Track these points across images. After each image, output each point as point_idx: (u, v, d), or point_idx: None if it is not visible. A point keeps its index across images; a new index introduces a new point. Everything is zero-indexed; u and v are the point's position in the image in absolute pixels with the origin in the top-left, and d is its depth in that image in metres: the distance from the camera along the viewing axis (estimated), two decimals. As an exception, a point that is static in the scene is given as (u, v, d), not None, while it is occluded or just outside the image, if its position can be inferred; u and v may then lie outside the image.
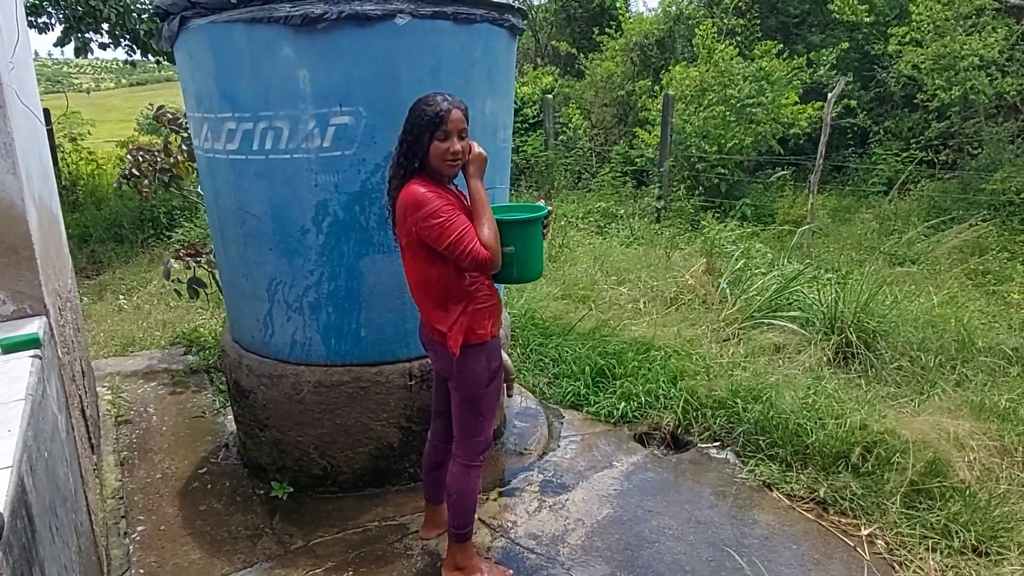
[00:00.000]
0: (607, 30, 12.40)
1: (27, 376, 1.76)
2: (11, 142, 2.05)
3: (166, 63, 9.22)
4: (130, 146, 4.90)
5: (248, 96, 2.61)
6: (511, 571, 2.55)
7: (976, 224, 6.65)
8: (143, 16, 8.23)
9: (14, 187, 2.08)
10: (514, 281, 2.39)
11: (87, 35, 8.46)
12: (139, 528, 2.86)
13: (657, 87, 10.46)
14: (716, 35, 9.63)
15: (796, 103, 8.72)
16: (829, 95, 6.62)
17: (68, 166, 9.18)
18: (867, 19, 9.72)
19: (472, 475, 2.39)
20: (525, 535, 2.77)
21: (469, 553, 2.46)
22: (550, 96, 10.73)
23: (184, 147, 4.29)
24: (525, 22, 3.05)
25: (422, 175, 2.13)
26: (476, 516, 2.75)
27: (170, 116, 4.31)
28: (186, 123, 4.24)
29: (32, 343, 1.93)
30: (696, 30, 9.84)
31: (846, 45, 9.86)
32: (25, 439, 1.48)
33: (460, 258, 2.06)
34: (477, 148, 2.15)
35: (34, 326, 2.10)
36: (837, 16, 9.89)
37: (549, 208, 2.29)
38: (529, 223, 2.23)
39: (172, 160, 4.25)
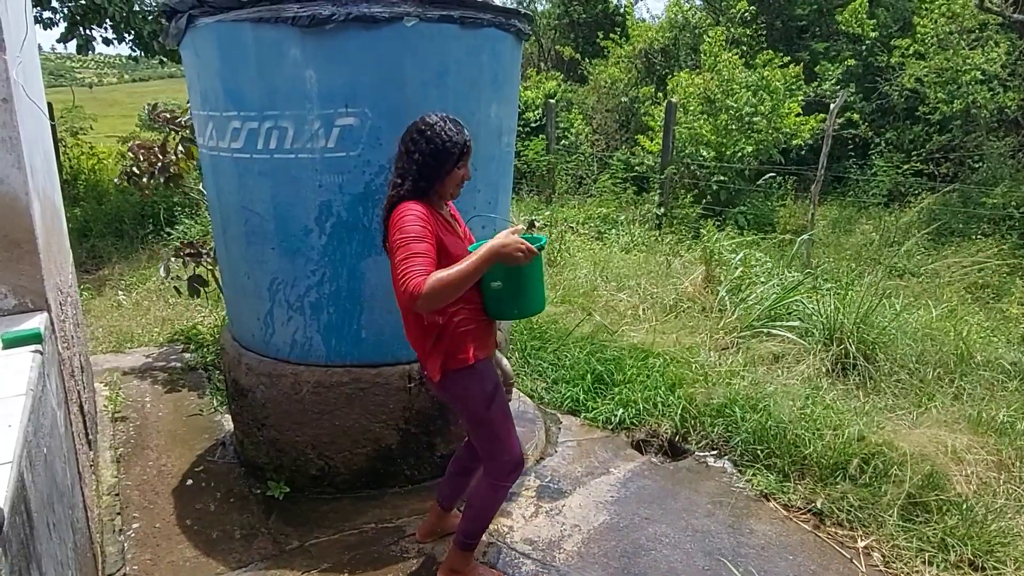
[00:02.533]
0: (611, 35, 12.43)
1: (28, 371, 1.75)
2: (17, 136, 2.05)
3: (168, 61, 9.22)
4: (130, 144, 4.90)
5: (254, 95, 2.61)
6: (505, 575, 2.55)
7: (977, 239, 6.67)
8: (148, 16, 8.24)
9: (19, 181, 2.07)
10: (513, 317, 2.25)
11: (90, 30, 8.46)
12: (134, 525, 2.85)
13: (660, 94, 10.49)
14: (723, 43, 9.66)
15: (799, 115, 8.75)
16: (832, 106, 6.64)
17: (69, 160, 9.19)
18: (872, 33, 9.76)
19: (499, 495, 2.34)
20: (521, 540, 2.77)
21: (468, 560, 2.46)
22: (553, 101, 10.74)
23: (182, 146, 4.28)
24: (530, 27, 3.05)
25: (424, 198, 2.08)
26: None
27: (167, 115, 4.31)
28: (184, 120, 4.24)
29: (33, 338, 1.93)
30: (705, 36, 9.87)
31: (852, 62, 9.89)
32: (25, 434, 1.48)
33: (396, 279, 1.93)
34: (517, 242, 1.98)
35: (35, 321, 2.10)
36: (843, 28, 9.93)
37: (545, 237, 2.14)
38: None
39: (170, 158, 4.25)
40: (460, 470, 2.60)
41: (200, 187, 4.38)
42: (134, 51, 9.05)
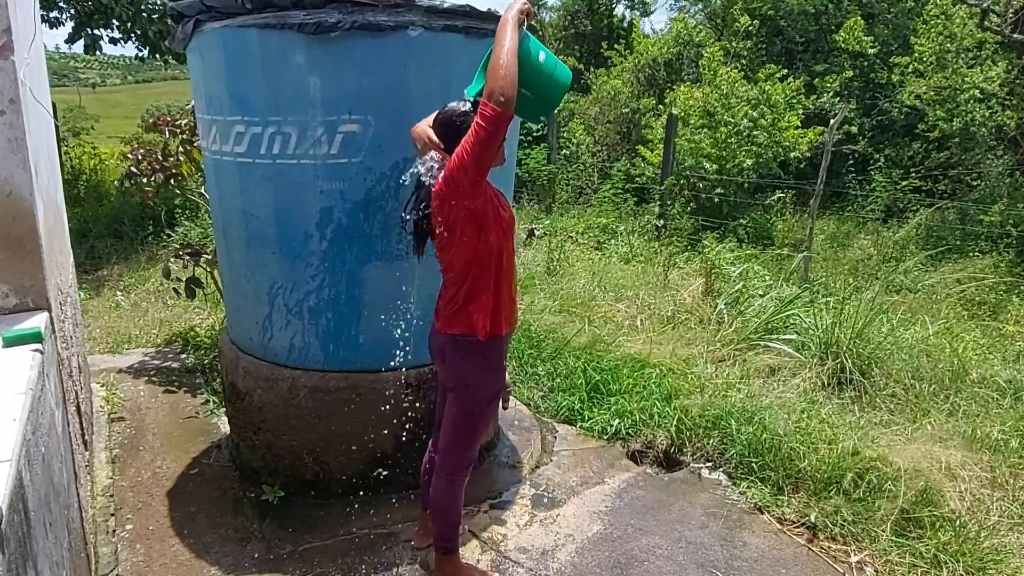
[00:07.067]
0: (616, 47, 12.51)
1: (28, 370, 1.76)
2: (23, 137, 2.06)
3: (173, 61, 9.25)
4: (133, 145, 4.91)
5: (258, 100, 2.64)
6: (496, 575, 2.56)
7: (974, 256, 6.70)
8: (154, 16, 8.27)
9: (24, 182, 2.09)
10: (564, 85, 2.15)
11: (97, 31, 8.49)
12: (128, 527, 2.85)
13: (661, 106, 10.54)
14: (723, 58, 9.71)
15: (798, 127, 8.79)
16: (831, 121, 6.68)
17: (71, 160, 9.20)
18: (871, 50, 9.83)
19: (456, 490, 2.40)
20: (515, 549, 2.77)
21: (457, 564, 2.47)
22: (555, 111, 10.77)
23: (183, 148, 4.29)
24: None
25: None
26: (466, 528, 2.76)
27: (168, 119, 4.33)
28: (184, 123, 4.26)
29: (34, 337, 1.94)
30: (704, 51, 9.93)
31: (850, 74, 9.94)
32: (24, 433, 1.49)
33: (487, 121, 1.95)
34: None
35: (36, 321, 2.10)
36: (843, 46, 10.00)
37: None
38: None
39: (172, 160, 4.27)
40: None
41: (201, 190, 4.40)
42: (140, 51, 9.09)
